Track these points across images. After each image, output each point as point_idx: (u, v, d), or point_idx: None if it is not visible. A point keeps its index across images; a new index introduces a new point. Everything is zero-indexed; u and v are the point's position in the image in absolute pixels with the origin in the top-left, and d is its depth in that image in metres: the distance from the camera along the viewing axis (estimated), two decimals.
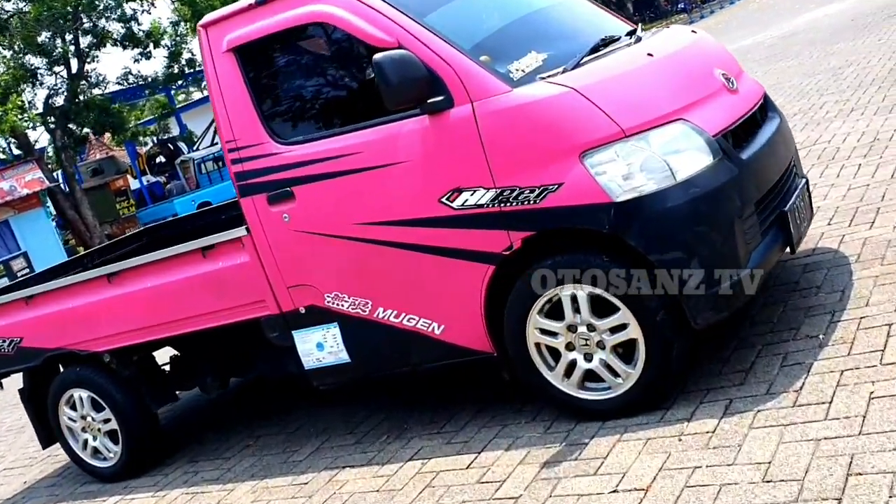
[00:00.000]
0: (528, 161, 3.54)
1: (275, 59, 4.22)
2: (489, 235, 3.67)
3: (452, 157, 3.68)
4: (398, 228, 3.86)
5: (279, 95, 4.25)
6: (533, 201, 3.54)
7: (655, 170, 3.44)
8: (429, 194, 3.75)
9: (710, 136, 3.57)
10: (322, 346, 4.29)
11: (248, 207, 4.21)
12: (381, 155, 3.84)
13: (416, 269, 3.90)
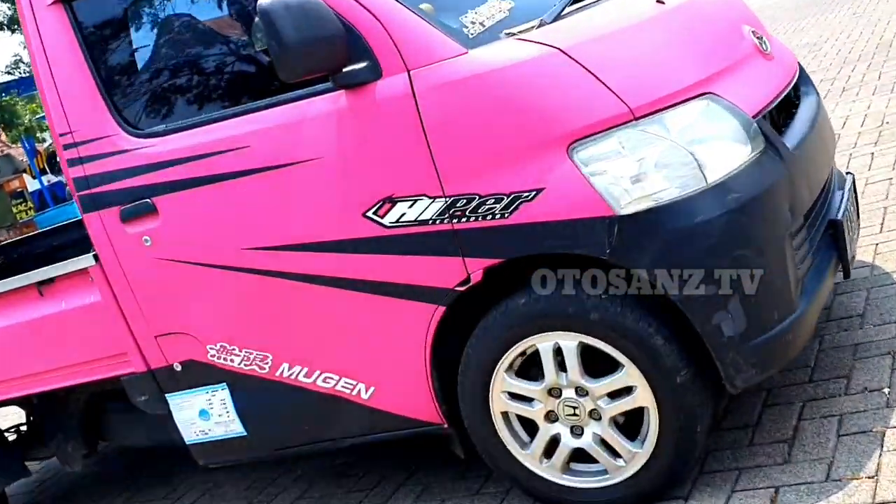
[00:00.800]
0: (492, 157, 2.46)
1: (125, 14, 3.03)
2: (436, 264, 2.58)
3: (381, 153, 2.57)
4: (305, 255, 2.73)
5: (132, 67, 3.05)
6: (499, 215, 2.46)
7: (677, 167, 2.38)
8: (348, 206, 2.63)
9: (748, 116, 2.53)
10: (207, 415, 3.12)
11: (95, 226, 3.01)
12: (277, 150, 2.70)
13: (332, 312, 2.78)
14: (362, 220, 2.62)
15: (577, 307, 2.48)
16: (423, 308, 2.64)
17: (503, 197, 2.45)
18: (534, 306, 2.53)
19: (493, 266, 2.53)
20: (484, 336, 2.62)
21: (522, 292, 2.56)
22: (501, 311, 2.58)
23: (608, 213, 2.37)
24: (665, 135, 2.41)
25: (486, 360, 2.63)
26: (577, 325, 2.49)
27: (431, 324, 2.65)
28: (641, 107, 2.41)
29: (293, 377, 2.91)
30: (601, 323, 2.46)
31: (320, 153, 2.64)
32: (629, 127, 2.40)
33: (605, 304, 2.46)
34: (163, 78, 3.02)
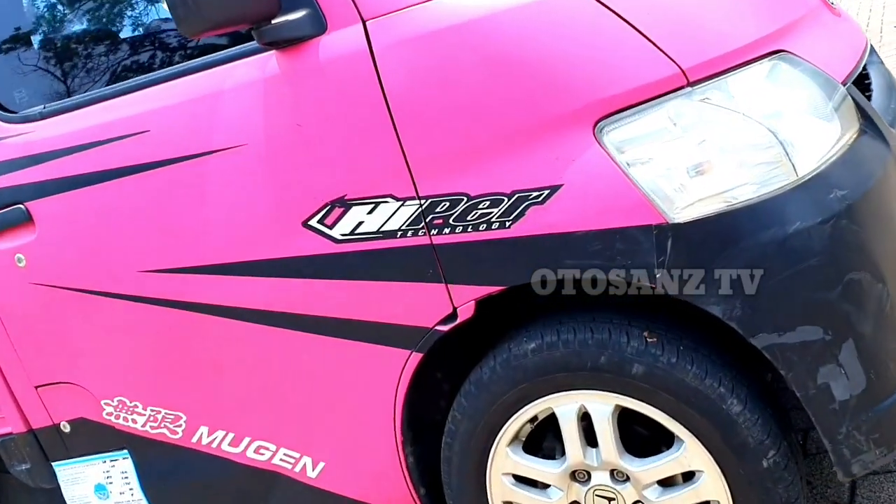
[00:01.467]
0: (485, 141, 1.69)
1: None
2: (409, 294, 1.81)
3: (328, 137, 1.80)
4: (226, 280, 1.95)
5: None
6: (497, 224, 1.69)
7: (754, 151, 1.62)
8: (283, 212, 1.86)
9: (838, 83, 1.77)
10: (105, 491, 2.34)
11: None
12: (185, 136, 1.93)
13: (266, 359, 2.00)
14: (303, 232, 1.85)
15: (614, 356, 1.71)
16: (391, 355, 1.87)
17: (502, 198, 1.68)
18: (550, 354, 1.76)
19: (489, 297, 1.76)
20: (478, 394, 1.85)
21: (532, 333, 1.80)
22: (503, 360, 1.81)
23: (657, 221, 1.61)
24: (732, 105, 1.64)
25: (482, 429, 1.86)
26: (614, 381, 1.73)
27: (403, 376, 1.88)
28: (697, 67, 1.64)
29: (215, 445, 2.13)
30: (648, 378, 1.69)
31: (243, 139, 1.86)
32: (682, 96, 1.63)
33: (655, 352, 1.69)
34: (41, 46, 2.23)
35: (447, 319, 1.80)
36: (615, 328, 1.73)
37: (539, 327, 1.80)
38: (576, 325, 1.76)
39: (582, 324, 1.76)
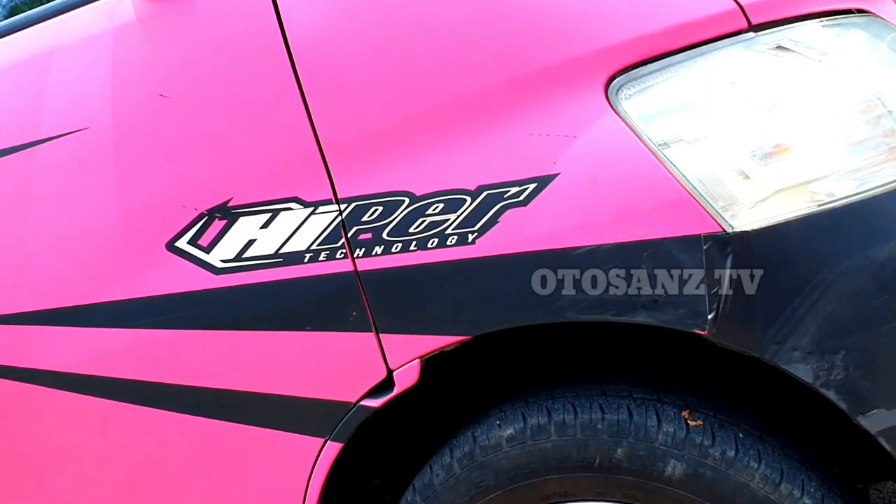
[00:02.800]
0: (438, 113, 1.10)
1: None
2: (322, 349, 1.18)
3: (204, 113, 1.20)
4: (58, 334, 1.32)
5: None
6: (455, 238, 1.09)
7: (856, 122, 1.04)
8: (140, 228, 1.24)
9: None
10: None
11: None
12: (2, 120, 1.33)
13: (110, 455, 1.35)
14: (167, 258, 1.23)
15: (637, 447, 1.09)
16: (295, 446, 1.23)
17: (463, 198, 1.09)
18: (535, 445, 1.13)
19: (441, 352, 1.14)
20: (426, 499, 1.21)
21: (509, 414, 1.17)
22: (464, 456, 1.18)
23: (708, 229, 1.02)
24: (815, 55, 1.08)
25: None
26: (636, 487, 1.10)
27: (314, 480, 1.24)
28: (764, 4, 1.08)
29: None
30: (691, 483, 1.07)
31: (83, 120, 1.26)
32: (741, 43, 1.07)
33: (701, 442, 1.07)
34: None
35: (379, 389, 1.17)
36: (637, 405, 1.12)
37: (519, 404, 1.18)
38: (577, 399, 1.14)
39: (586, 397, 1.14)
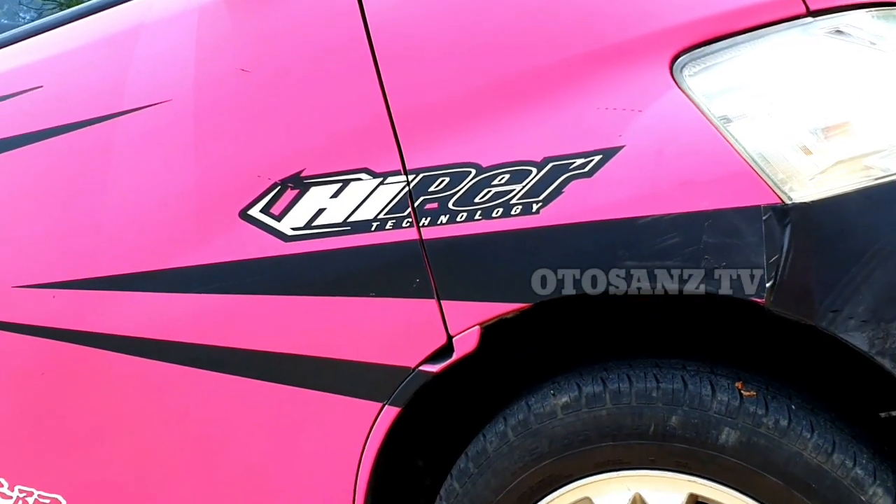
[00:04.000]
0: (507, 86, 1.15)
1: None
2: (384, 315, 1.23)
3: (283, 87, 1.26)
4: (132, 300, 1.38)
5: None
6: (519, 207, 1.14)
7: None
8: (216, 197, 1.31)
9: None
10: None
11: None
12: (90, 91, 1.40)
13: (177, 417, 1.40)
14: (239, 226, 1.29)
15: (691, 415, 1.12)
16: (353, 410, 1.28)
17: (529, 169, 1.13)
18: (591, 413, 1.16)
19: (501, 320, 1.19)
20: (480, 475, 1.24)
21: (564, 383, 1.21)
22: (518, 424, 1.21)
23: (768, 200, 1.05)
24: (870, 39, 1.12)
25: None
26: (689, 454, 1.12)
27: (369, 445, 1.28)
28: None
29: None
30: (745, 451, 1.10)
31: (166, 93, 1.33)
32: (798, 27, 1.11)
33: (755, 412, 1.10)
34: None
35: (438, 355, 1.22)
36: (691, 376, 1.15)
37: (574, 375, 1.21)
38: (631, 370, 1.17)
39: (641, 368, 1.17)
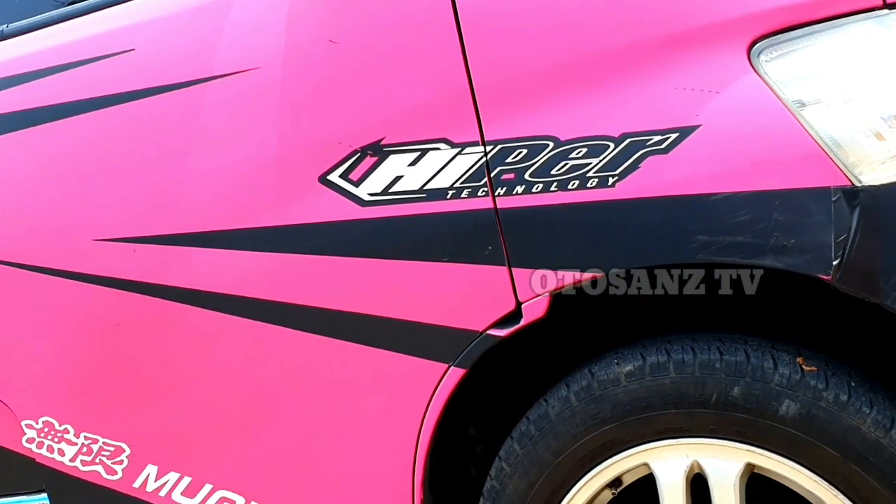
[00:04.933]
0: (588, 62, 1.20)
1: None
2: (455, 279, 1.28)
3: (370, 58, 1.32)
4: (211, 256, 1.44)
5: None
6: (597, 181, 1.19)
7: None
8: (297, 161, 1.36)
9: None
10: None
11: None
12: (181, 56, 1.46)
13: (246, 370, 1.46)
14: (319, 191, 1.34)
15: (753, 386, 1.16)
16: (420, 370, 1.33)
17: (606, 144, 1.18)
18: (654, 381, 1.21)
19: (571, 287, 1.23)
20: (541, 438, 1.28)
21: (627, 353, 1.25)
22: (581, 389, 1.26)
23: (838, 182, 1.10)
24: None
25: (542, 490, 1.29)
26: (749, 424, 1.17)
27: (433, 404, 1.33)
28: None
29: (164, 493, 1.55)
30: (804, 423, 1.14)
31: (255, 60, 1.39)
32: (873, 19, 1.16)
33: (815, 385, 1.14)
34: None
35: (506, 320, 1.27)
36: (754, 350, 1.19)
37: (637, 346, 1.26)
38: (694, 343, 1.22)
39: (704, 341, 1.22)
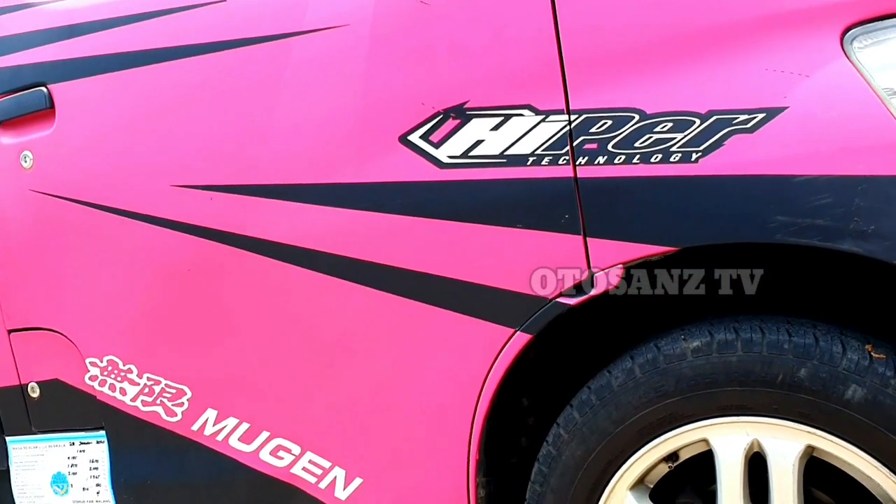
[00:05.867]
0: (680, 38, 1.22)
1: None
2: (528, 245, 1.30)
3: (459, 20, 1.34)
4: (288, 209, 1.47)
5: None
6: (680, 156, 1.20)
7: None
8: (379, 120, 1.39)
9: None
10: (64, 482, 1.79)
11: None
12: (271, 8, 1.49)
13: (312, 323, 1.49)
14: (398, 150, 1.37)
15: (820, 369, 1.17)
16: (485, 333, 1.35)
17: (692, 120, 1.20)
18: (721, 358, 1.22)
19: (646, 261, 1.25)
20: (601, 407, 1.30)
21: (694, 330, 1.27)
22: (646, 362, 1.27)
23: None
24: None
25: (599, 458, 1.30)
26: (813, 406, 1.17)
27: (496, 368, 1.35)
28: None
29: (221, 438, 1.59)
30: (869, 408, 1.14)
31: (345, 17, 1.42)
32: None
33: (883, 372, 1.15)
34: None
35: (577, 289, 1.28)
36: (823, 334, 1.20)
37: (704, 323, 1.27)
38: (763, 323, 1.23)
39: (773, 323, 1.23)
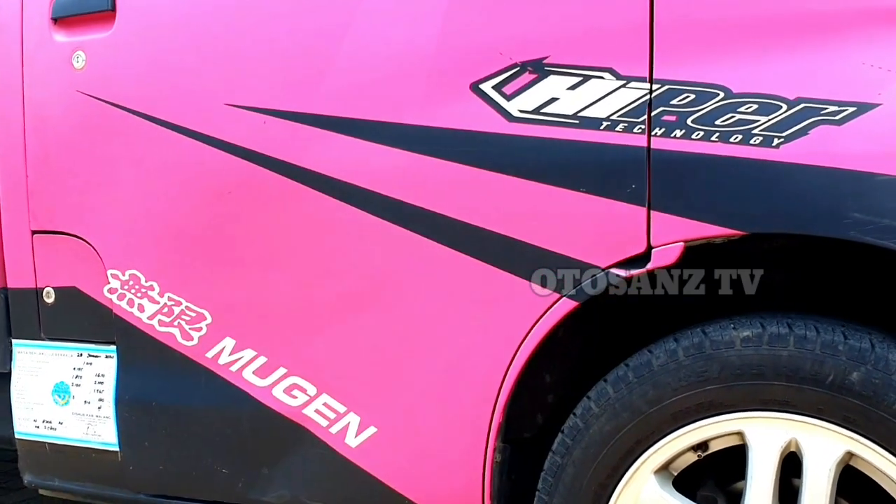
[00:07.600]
0: (777, 20, 1.19)
1: None
2: (590, 211, 1.27)
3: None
4: (342, 142, 1.43)
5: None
6: (761, 140, 1.17)
7: None
8: (453, 64, 1.35)
9: None
10: (66, 393, 1.74)
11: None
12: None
13: (349, 262, 1.45)
14: (468, 97, 1.34)
15: (873, 375, 1.14)
16: (530, 295, 1.31)
17: (779, 104, 1.17)
18: (771, 350, 1.19)
19: (709, 242, 1.22)
20: (638, 385, 1.27)
21: (745, 320, 1.23)
22: (691, 346, 1.24)
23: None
24: None
25: (627, 436, 1.27)
26: (860, 412, 1.14)
27: (535, 332, 1.32)
28: None
29: (235, 368, 1.55)
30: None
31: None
32: None
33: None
34: None
35: (633, 261, 1.25)
36: (879, 341, 1.17)
37: (755, 315, 1.24)
38: (818, 322, 1.20)
39: (828, 323, 1.20)
